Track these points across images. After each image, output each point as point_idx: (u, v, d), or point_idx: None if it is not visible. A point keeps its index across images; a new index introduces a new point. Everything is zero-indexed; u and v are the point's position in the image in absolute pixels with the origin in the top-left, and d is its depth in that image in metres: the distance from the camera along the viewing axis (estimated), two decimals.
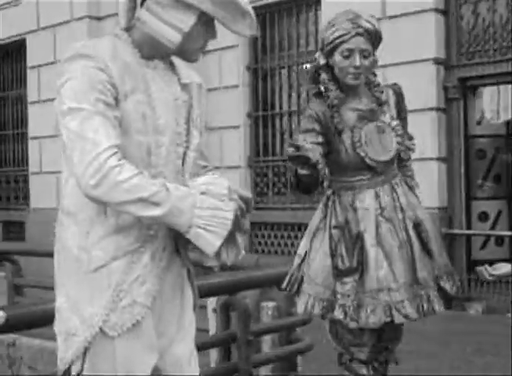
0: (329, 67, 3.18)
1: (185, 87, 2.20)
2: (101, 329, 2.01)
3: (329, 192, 3.22)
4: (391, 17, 8.40)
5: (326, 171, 3.19)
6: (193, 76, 2.26)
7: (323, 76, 3.18)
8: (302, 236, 3.32)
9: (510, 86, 8.80)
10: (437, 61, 8.18)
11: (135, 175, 1.93)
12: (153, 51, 2.12)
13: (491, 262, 3.05)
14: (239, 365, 3.93)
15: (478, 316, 7.81)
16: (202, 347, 3.93)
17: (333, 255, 3.08)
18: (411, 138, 3.35)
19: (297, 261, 3.22)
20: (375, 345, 3.16)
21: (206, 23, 2.10)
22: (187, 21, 2.05)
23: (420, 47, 8.17)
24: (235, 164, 9.92)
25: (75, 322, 2.02)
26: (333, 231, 3.12)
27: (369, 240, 3.06)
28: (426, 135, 8.14)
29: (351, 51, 3.09)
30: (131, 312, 2.03)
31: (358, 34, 3.08)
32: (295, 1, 9.30)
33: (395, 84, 3.36)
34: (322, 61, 3.18)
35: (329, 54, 3.15)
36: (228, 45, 9.79)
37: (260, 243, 9.75)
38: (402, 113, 3.29)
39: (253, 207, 2.16)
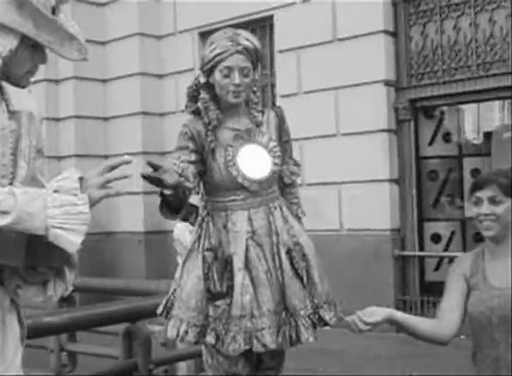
0: (209, 86, 3.13)
1: (14, 115, 2.10)
2: None
3: (204, 213, 3.14)
4: (340, 39, 8.41)
5: (202, 190, 3.13)
6: (26, 103, 2.17)
7: (203, 95, 3.13)
8: None
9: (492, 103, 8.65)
10: (387, 83, 8.16)
11: None
12: None
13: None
14: None
15: None
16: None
17: (206, 279, 2.99)
18: (297, 164, 3.31)
19: (173, 286, 3.12)
20: (250, 374, 3.07)
21: (32, 47, 2.03)
22: (6, 45, 1.98)
23: (370, 69, 8.15)
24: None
25: None
26: (206, 253, 3.02)
27: (237, 263, 2.98)
28: (377, 157, 8.13)
29: (230, 69, 3.05)
30: None
31: (237, 51, 3.05)
32: (249, 24, 9.29)
33: (278, 107, 3.33)
34: (202, 80, 3.14)
35: (209, 72, 3.10)
36: (184, 68, 9.79)
37: None
38: (283, 137, 3.23)
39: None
